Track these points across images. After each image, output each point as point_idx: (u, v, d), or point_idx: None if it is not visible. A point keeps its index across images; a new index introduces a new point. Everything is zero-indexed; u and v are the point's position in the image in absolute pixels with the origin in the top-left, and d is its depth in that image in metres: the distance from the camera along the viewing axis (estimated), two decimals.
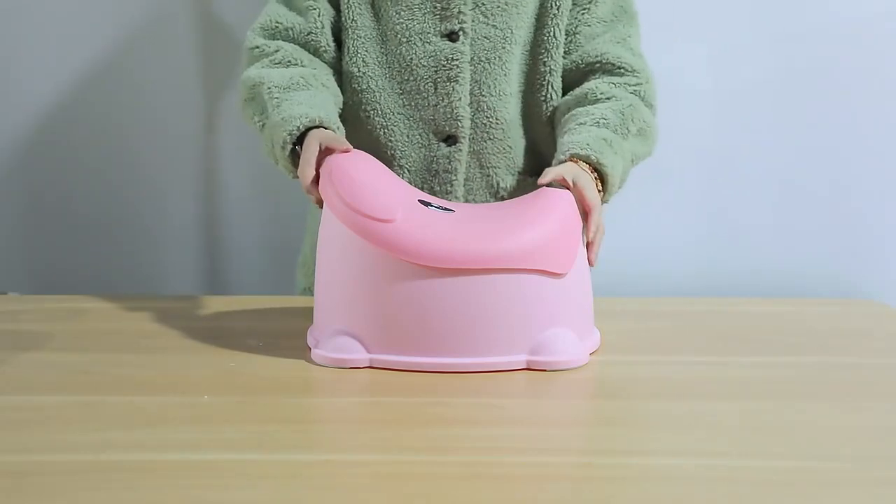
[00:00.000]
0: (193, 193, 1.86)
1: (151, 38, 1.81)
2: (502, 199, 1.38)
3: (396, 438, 0.92)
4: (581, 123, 1.29)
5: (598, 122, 1.28)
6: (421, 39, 1.35)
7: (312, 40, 1.37)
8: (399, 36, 1.35)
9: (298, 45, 1.37)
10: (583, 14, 1.37)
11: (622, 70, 1.36)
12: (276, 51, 1.35)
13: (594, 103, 1.33)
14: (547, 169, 1.22)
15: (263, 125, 1.30)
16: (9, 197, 1.86)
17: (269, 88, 1.29)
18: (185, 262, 1.88)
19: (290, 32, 1.37)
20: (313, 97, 1.29)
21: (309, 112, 1.24)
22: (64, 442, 0.92)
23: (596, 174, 1.23)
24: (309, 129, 1.23)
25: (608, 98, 1.33)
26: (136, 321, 1.33)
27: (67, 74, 1.82)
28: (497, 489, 0.83)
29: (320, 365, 1.11)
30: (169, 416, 0.98)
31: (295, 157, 1.24)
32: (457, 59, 1.34)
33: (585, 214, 1.19)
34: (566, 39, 1.37)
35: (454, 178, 1.35)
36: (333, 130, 1.24)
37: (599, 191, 1.23)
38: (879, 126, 1.84)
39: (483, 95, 1.35)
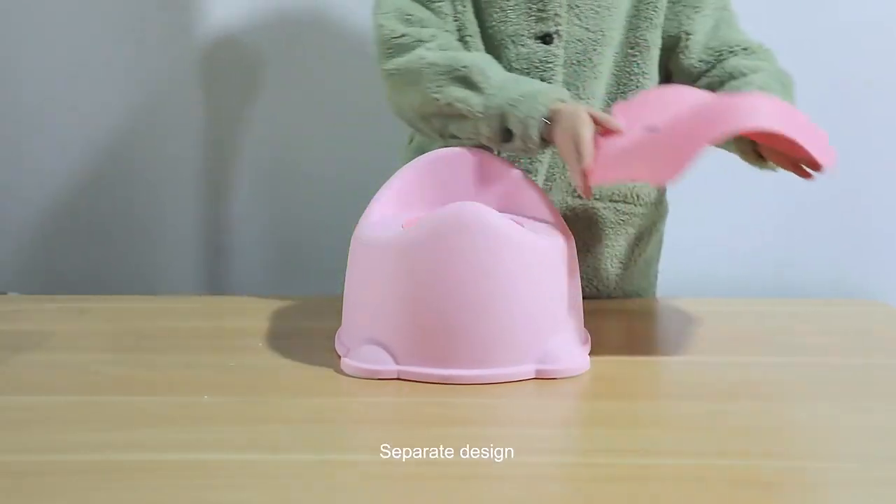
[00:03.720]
0: (193, 193, 1.86)
1: (151, 37, 1.81)
2: (578, 197, 1.38)
3: (396, 438, 0.92)
4: (747, 83, 1.29)
5: (762, 86, 1.28)
6: (514, 42, 1.34)
7: (449, 32, 1.34)
8: (493, 38, 1.35)
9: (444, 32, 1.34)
10: (695, 13, 1.37)
11: (749, 49, 1.37)
12: (434, 36, 1.31)
13: (744, 76, 1.33)
14: None
15: (486, 107, 1.24)
16: (9, 197, 1.86)
17: (480, 69, 1.25)
18: (185, 262, 1.88)
19: (424, 23, 1.33)
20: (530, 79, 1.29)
21: (551, 90, 1.22)
22: (64, 442, 0.92)
23: None
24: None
25: (755, 71, 1.33)
26: (136, 321, 1.33)
27: (67, 74, 1.82)
28: (497, 489, 0.83)
29: (350, 375, 1.10)
30: (169, 416, 0.98)
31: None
32: (550, 62, 1.33)
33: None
34: (686, 41, 1.38)
35: (535, 176, 1.35)
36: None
37: None
38: (882, 127, 1.84)
39: (574, 101, 1.36)
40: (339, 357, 1.13)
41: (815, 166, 1.13)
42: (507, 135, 1.24)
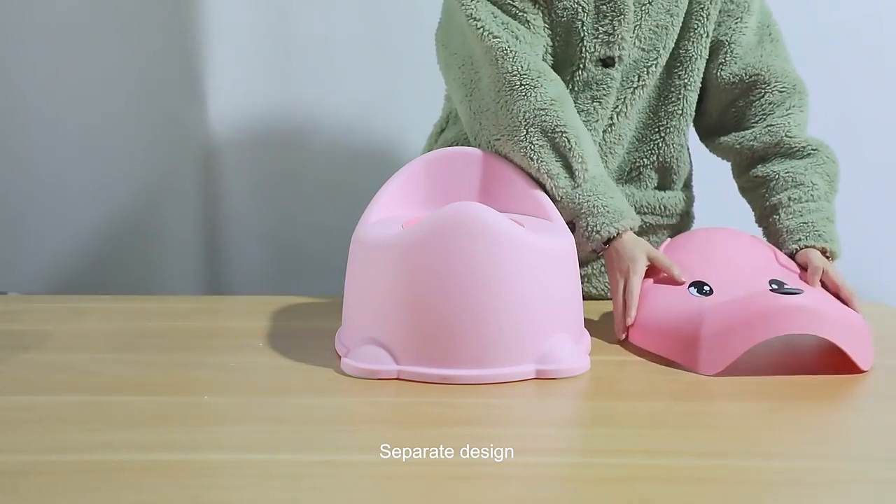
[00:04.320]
0: (193, 193, 1.86)
1: (151, 36, 1.81)
2: None
3: (397, 438, 0.92)
4: (795, 200, 1.33)
5: (812, 196, 1.32)
6: (575, 64, 1.34)
7: (544, 55, 1.34)
8: (556, 58, 1.35)
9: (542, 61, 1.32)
10: (737, 24, 1.38)
11: (789, 88, 1.38)
12: (542, 76, 1.27)
13: (790, 157, 1.37)
14: (813, 264, 1.25)
15: (566, 192, 1.25)
16: (8, 197, 1.86)
17: (582, 153, 1.25)
18: (185, 262, 1.88)
19: (521, 42, 1.29)
20: (609, 179, 1.30)
21: (629, 214, 1.25)
22: (64, 442, 0.92)
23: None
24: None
25: (803, 149, 1.36)
26: (136, 321, 1.33)
27: (67, 74, 1.82)
28: (497, 489, 0.83)
29: (350, 375, 1.10)
30: (169, 416, 0.98)
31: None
32: (607, 84, 1.34)
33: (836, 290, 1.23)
34: (722, 51, 1.39)
35: None
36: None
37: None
38: (879, 126, 1.83)
39: (619, 118, 1.37)
40: (340, 357, 1.13)
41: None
42: (570, 226, 1.25)
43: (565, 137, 1.25)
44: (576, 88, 1.35)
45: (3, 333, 1.27)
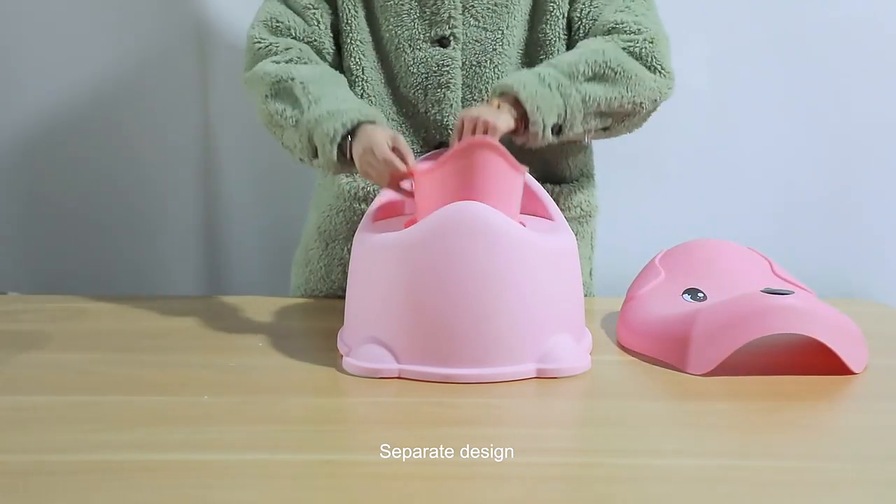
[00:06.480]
0: (193, 193, 1.86)
1: (151, 38, 1.81)
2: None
3: (397, 438, 0.92)
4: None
5: (546, 64, 1.26)
6: (410, 46, 1.33)
7: (315, 41, 1.35)
8: (389, 43, 1.34)
9: (304, 44, 1.35)
10: (588, 2, 1.33)
11: (618, 29, 1.29)
12: (288, 48, 1.32)
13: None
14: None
15: (297, 120, 1.24)
16: (9, 197, 1.86)
17: (303, 83, 1.25)
18: (185, 262, 1.88)
19: (293, 32, 1.34)
20: (352, 95, 1.27)
21: (361, 108, 1.21)
22: (64, 442, 0.92)
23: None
24: (358, 125, 1.19)
25: (581, 47, 1.28)
26: (136, 321, 1.33)
27: (68, 74, 1.82)
28: (497, 489, 0.83)
29: (352, 374, 1.10)
30: (169, 416, 0.98)
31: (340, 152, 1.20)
32: (448, 66, 1.32)
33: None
34: (574, 29, 1.34)
35: None
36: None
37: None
38: (879, 126, 1.83)
39: (475, 101, 1.34)
40: (341, 356, 1.13)
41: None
42: (316, 151, 1.22)
43: (287, 71, 1.27)
44: (417, 71, 1.33)
45: (3, 333, 1.27)
